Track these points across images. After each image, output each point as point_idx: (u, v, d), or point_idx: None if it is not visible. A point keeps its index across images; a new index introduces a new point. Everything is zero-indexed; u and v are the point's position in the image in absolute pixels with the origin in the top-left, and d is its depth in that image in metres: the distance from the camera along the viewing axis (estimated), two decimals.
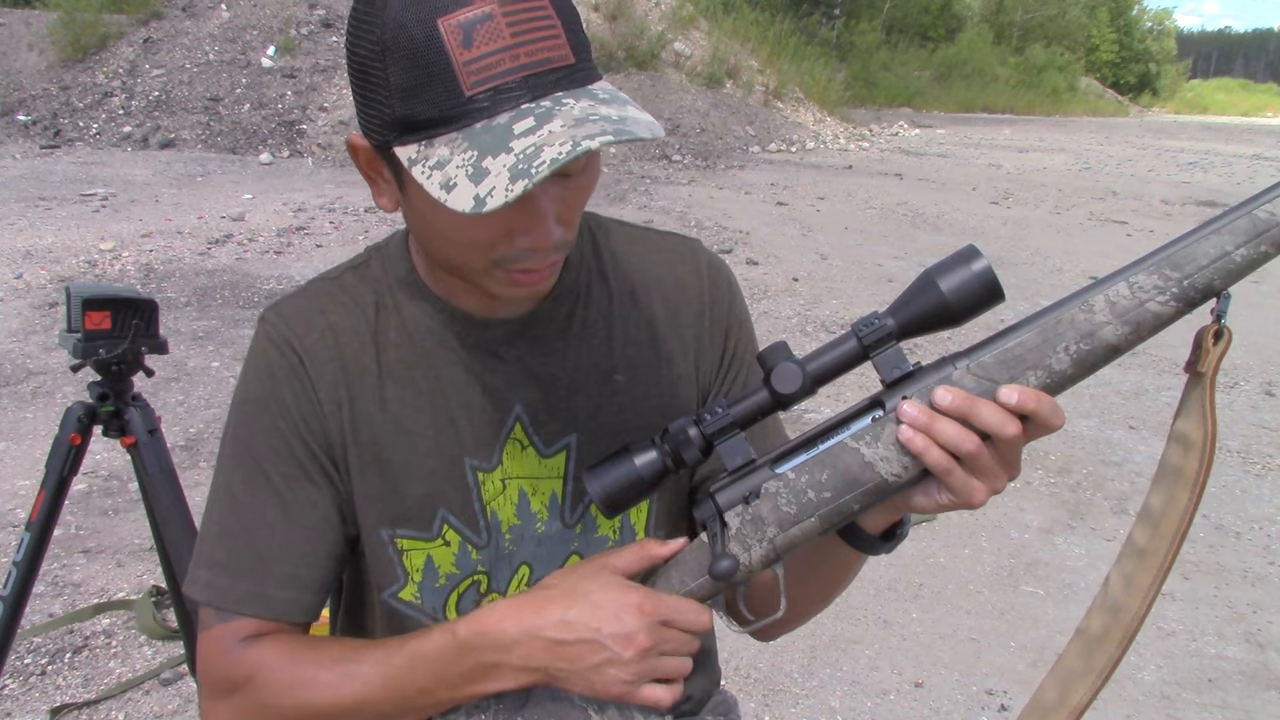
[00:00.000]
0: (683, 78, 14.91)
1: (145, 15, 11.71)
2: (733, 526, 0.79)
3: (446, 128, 0.72)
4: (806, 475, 0.77)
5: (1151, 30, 56.68)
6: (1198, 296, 0.73)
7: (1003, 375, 0.74)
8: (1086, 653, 0.77)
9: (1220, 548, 3.22)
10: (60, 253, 5.97)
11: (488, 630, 0.79)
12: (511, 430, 0.92)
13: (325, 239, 6.73)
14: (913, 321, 0.75)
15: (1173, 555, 0.74)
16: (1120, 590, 0.76)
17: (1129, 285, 0.73)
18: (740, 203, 9.38)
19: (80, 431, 1.76)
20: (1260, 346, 5.58)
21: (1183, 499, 0.74)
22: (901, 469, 0.75)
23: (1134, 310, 0.73)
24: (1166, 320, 0.74)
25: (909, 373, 0.76)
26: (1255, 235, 0.71)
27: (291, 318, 0.91)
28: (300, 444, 0.88)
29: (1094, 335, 0.73)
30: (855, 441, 0.76)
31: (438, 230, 0.80)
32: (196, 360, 4.39)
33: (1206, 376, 0.74)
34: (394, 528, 0.92)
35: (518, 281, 0.81)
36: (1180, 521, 0.74)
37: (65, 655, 2.36)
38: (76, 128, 10.23)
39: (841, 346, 0.77)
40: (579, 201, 0.81)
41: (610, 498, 0.79)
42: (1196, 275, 0.72)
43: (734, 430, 0.78)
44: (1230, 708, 2.41)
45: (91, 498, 3.12)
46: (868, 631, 2.64)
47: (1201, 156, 17.45)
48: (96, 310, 1.68)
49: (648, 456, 0.79)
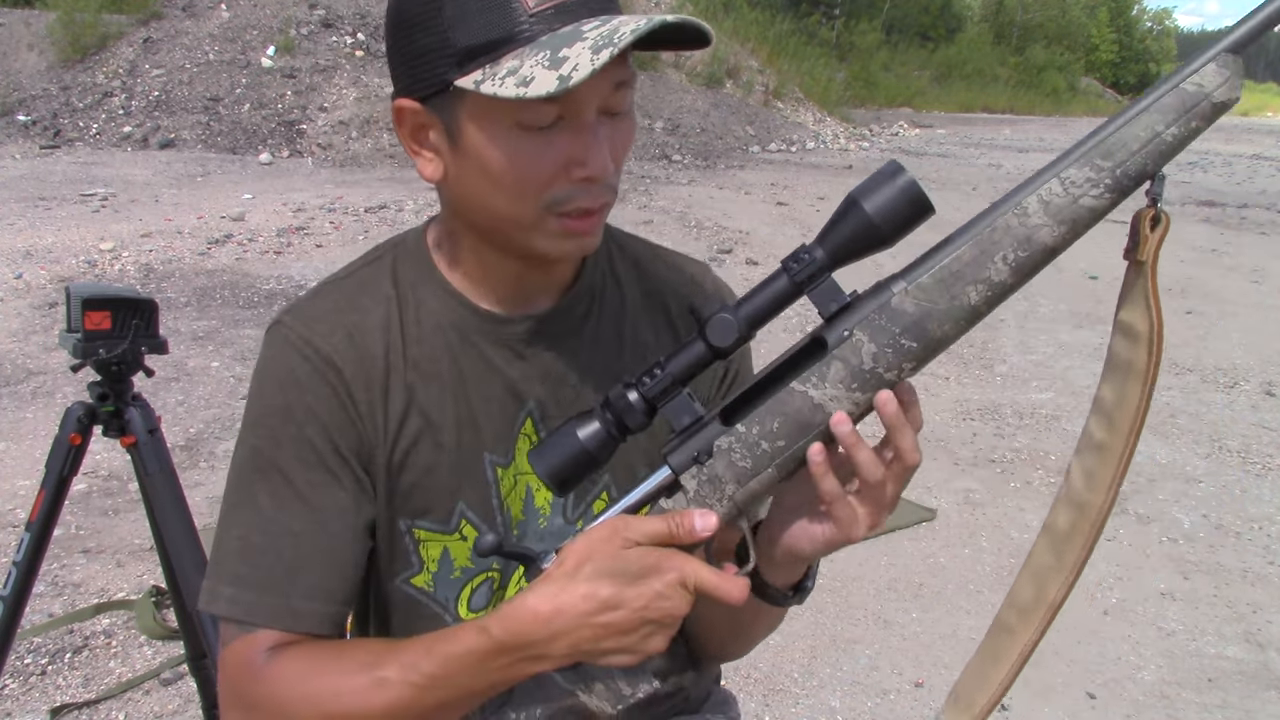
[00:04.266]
0: (683, 78, 14.91)
1: (145, 15, 11.71)
2: (690, 489, 0.76)
3: (510, 45, 0.75)
4: (757, 426, 0.74)
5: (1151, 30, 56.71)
6: (1131, 184, 0.69)
7: (943, 294, 0.70)
8: (1056, 550, 0.76)
9: (1220, 548, 3.22)
10: (60, 253, 5.97)
11: (525, 628, 0.75)
12: (523, 426, 0.92)
13: (325, 239, 6.73)
14: (841, 248, 0.71)
15: (1130, 449, 0.72)
16: (1082, 485, 0.75)
17: (1061, 181, 0.69)
18: (740, 203, 9.38)
19: (80, 431, 1.76)
20: (1260, 346, 5.58)
21: (1135, 394, 0.72)
22: (852, 405, 0.72)
23: (1069, 208, 0.69)
24: (1101, 213, 0.70)
25: (846, 304, 0.73)
26: (1185, 111, 0.68)
27: (312, 320, 0.89)
28: (330, 450, 0.86)
29: (1031, 240, 0.69)
30: (802, 384, 0.73)
31: (493, 175, 0.80)
32: (196, 360, 4.39)
33: (1147, 265, 0.71)
34: (413, 518, 0.91)
35: (570, 229, 0.81)
36: (1134, 417, 0.72)
37: (65, 655, 2.36)
38: (76, 128, 10.23)
39: (774, 285, 0.73)
40: (625, 144, 0.82)
41: (557, 475, 0.76)
42: (1129, 162, 0.69)
43: (675, 389, 0.75)
44: (1230, 708, 2.41)
45: (91, 498, 3.12)
46: (868, 631, 2.64)
47: (1201, 156, 17.44)
48: (96, 310, 1.68)
49: (590, 428, 0.75)
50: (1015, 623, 0.78)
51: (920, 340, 0.71)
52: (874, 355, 0.71)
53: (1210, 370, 5.13)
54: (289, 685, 0.82)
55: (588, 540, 0.75)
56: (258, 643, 0.84)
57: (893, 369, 0.71)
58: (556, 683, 0.81)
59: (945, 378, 4.82)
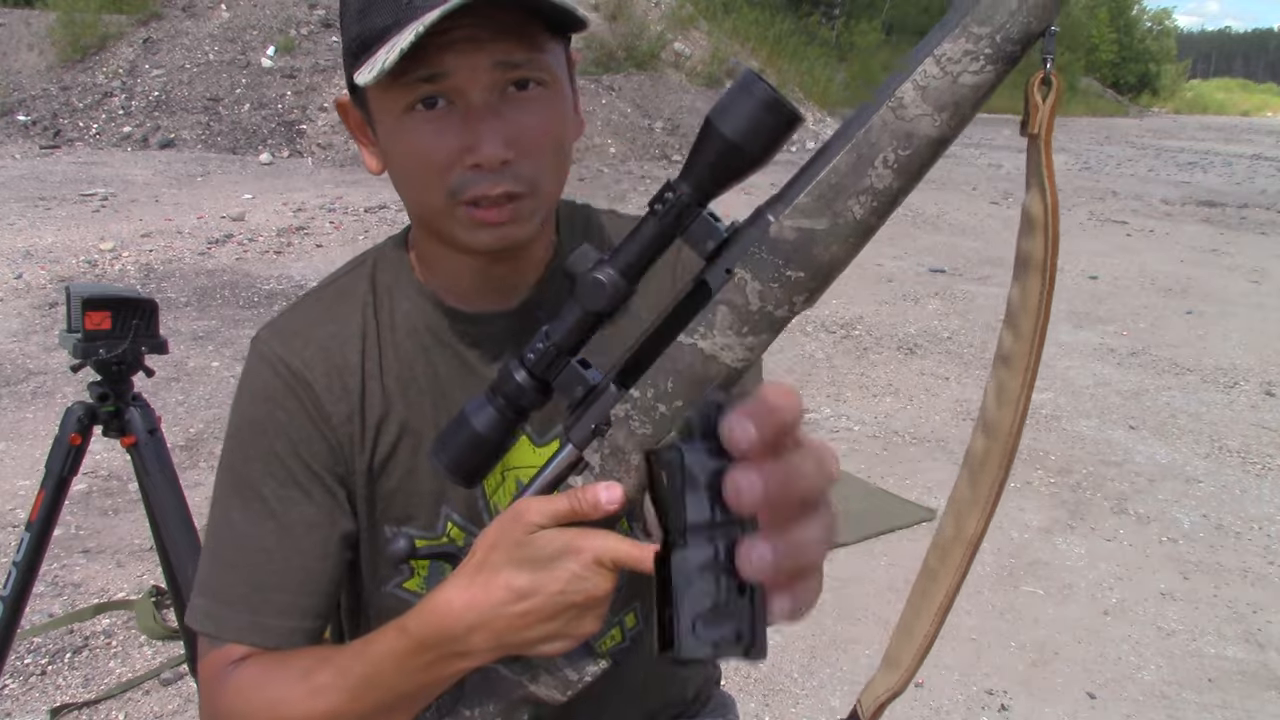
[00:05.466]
0: (682, 78, 14.91)
1: (145, 15, 11.70)
2: (595, 465, 0.70)
3: (391, 33, 0.76)
4: (651, 389, 0.67)
5: (1151, 30, 56.67)
6: (1016, 48, 0.58)
7: (824, 213, 0.62)
8: (972, 480, 0.70)
9: (1220, 548, 3.22)
10: (60, 253, 5.97)
11: (440, 623, 0.73)
12: None
13: (325, 239, 6.73)
14: (708, 179, 0.64)
15: (1035, 355, 0.64)
16: (993, 405, 0.68)
17: (936, 61, 0.59)
18: (740, 203, 9.28)
19: (80, 431, 1.76)
20: (1260, 346, 5.57)
21: (1035, 287, 0.64)
22: (746, 351, 0.65)
23: (949, 90, 0.59)
24: (988, 89, 0.60)
25: (724, 240, 0.65)
26: None
27: (286, 334, 0.90)
28: (300, 465, 0.87)
29: (912, 135, 0.60)
30: (689, 337, 0.65)
31: (401, 164, 0.82)
32: (196, 360, 4.39)
33: (1040, 136, 0.62)
34: (398, 525, 0.92)
35: (476, 219, 0.80)
36: (1036, 313, 0.64)
37: (65, 655, 2.36)
38: (76, 128, 10.22)
39: (642, 232, 0.67)
40: (535, 128, 0.80)
41: (460, 466, 0.72)
42: (1009, 23, 0.58)
43: (563, 360, 0.70)
44: (1230, 708, 2.41)
45: (91, 498, 3.12)
46: (868, 631, 2.64)
47: (1201, 156, 17.45)
48: (96, 310, 1.68)
49: (484, 414, 0.71)
50: (936, 565, 0.73)
51: (808, 269, 0.63)
52: (760, 294, 0.63)
53: (1210, 370, 5.13)
54: (245, 696, 0.83)
55: (494, 528, 0.72)
56: (227, 656, 0.85)
57: (783, 305, 0.63)
58: (502, 674, 0.78)
59: (945, 378, 4.82)
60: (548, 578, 0.69)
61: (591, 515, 0.69)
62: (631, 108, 13.20)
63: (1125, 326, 5.87)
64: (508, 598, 0.70)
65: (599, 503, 0.68)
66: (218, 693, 0.85)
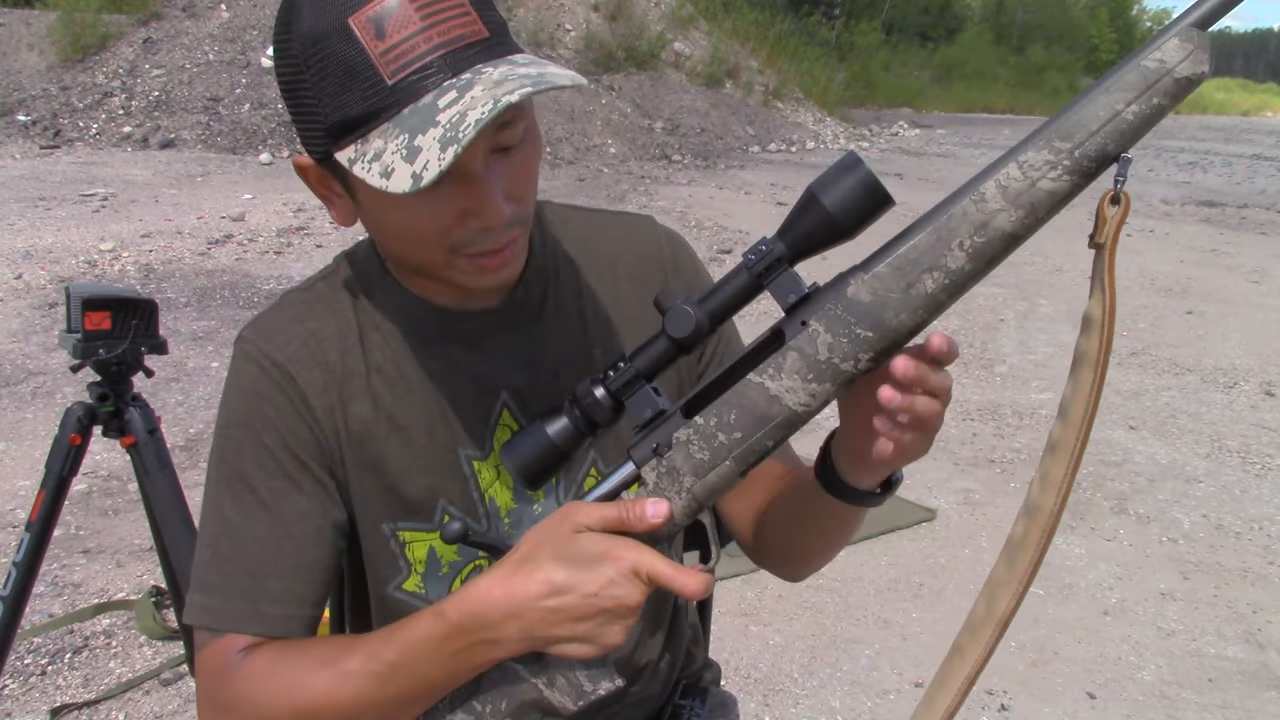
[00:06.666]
0: (682, 78, 14.91)
1: (145, 15, 11.69)
2: (649, 482, 0.76)
3: (377, 120, 0.74)
4: (715, 418, 0.74)
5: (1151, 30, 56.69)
6: (1093, 165, 0.67)
7: (899, 283, 0.70)
8: (1009, 560, 0.74)
9: (1220, 548, 3.22)
10: (60, 253, 5.97)
11: (478, 609, 0.76)
12: (500, 417, 0.93)
13: (325, 239, 6.73)
14: (801, 242, 0.72)
15: (1081, 444, 0.70)
16: (1037, 491, 0.73)
17: (1019, 165, 0.68)
18: (740, 203, 9.38)
19: (80, 432, 1.76)
20: (1260, 346, 5.58)
21: (1086, 383, 0.70)
22: (809, 397, 0.72)
23: (1027, 192, 0.68)
24: (1064, 197, 0.69)
25: (805, 295, 0.73)
26: (1146, 88, 0.65)
27: (269, 331, 0.91)
28: (289, 456, 0.88)
29: (988, 225, 0.68)
30: (759, 376, 0.73)
31: (393, 228, 0.82)
32: (196, 360, 4.40)
33: (1106, 246, 0.69)
34: (395, 521, 0.92)
35: (482, 267, 0.82)
36: (1085, 405, 0.70)
37: (65, 655, 2.36)
38: (76, 128, 10.22)
39: (734, 280, 0.73)
40: (526, 174, 0.82)
41: (527, 469, 0.77)
42: (1088, 142, 0.67)
43: (639, 383, 0.76)
44: (1230, 708, 2.41)
45: (91, 498, 3.12)
46: (868, 631, 2.64)
47: (1201, 156, 17.44)
48: (96, 310, 1.68)
49: (559, 424, 0.77)
50: (965, 642, 0.76)
51: (876, 330, 0.70)
52: (829, 346, 0.71)
53: (1210, 370, 5.13)
54: (258, 684, 0.83)
55: (542, 526, 0.77)
56: (229, 646, 0.86)
57: (849, 359, 0.71)
58: (520, 674, 0.81)
59: None
60: (585, 578, 0.73)
61: (637, 527, 0.74)
62: (631, 108, 13.20)
63: (1125, 326, 5.87)
64: (544, 591, 0.74)
65: (645, 516, 0.74)
66: (225, 681, 0.85)
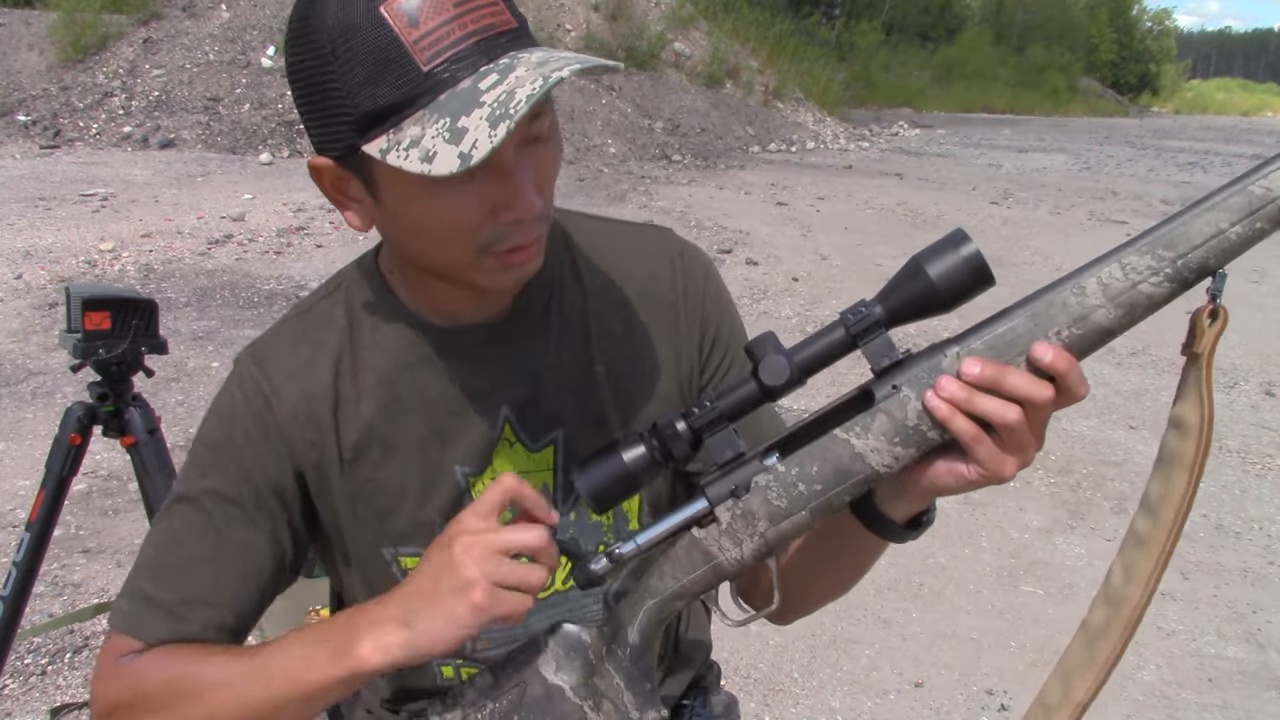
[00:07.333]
0: (683, 78, 14.91)
1: (145, 15, 11.69)
2: (723, 521, 0.77)
3: (411, 108, 0.72)
4: (796, 468, 0.76)
5: (1151, 30, 56.67)
6: (1192, 276, 0.70)
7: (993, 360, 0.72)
8: (1088, 646, 0.76)
9: (1220, 548, 3.22)
10: (60, 253, 5.97)
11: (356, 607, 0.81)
12: (502, 432, 0.92)
13: (325, 239, 6.73)
14: (901, 308, 0.73)
15: (1172, 542, 0.72)
16: (1121, 581, 0.74)
17: (1121, 266, 0.71)
18: (740, 203, 9.38)
19: (80, 431, 1.76)
20: (1260, 346, 5.58)
21: (1180, 483, 0.72)
22: (893, 459, 0.74)
23: (1127, 292, 0.71)
24: (1160, 301, 0.72)
25: (898, 361, 0.74)
26: (1251, 212, 0.69)
27: (263, 358, 0.91)
28: (248, 488, 0.88)
29: (1086, 319, 0.71)
30: (845, 433, 0.74)
31: (419, 226, 0.80)
32: (196, 360, 4.40)
33: (1203, 358, 0.72)
34: (395, 546, 0.92)
35: (510, 263, 0.81)
36: (1179, 506, 0.72)
37: (65, 655, 2.36)
38: (76, 128, 10.22)
39: (829, 336, 0.74)
40: (552, 168, 0.81)
41: (598, 494, 0.78)
42: (1191, 255, 0.70)
43: (722, 424, 0.77)
44: (1230, 708, 2.41)
45: (91, 498, 3.12)
46: (868, 631, 2.64)
47: (1201, 156, 17.45)
48: (96, 310, 1.68)
49: (636, 452, 0.78)
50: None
51: None
52: (919, 413, 0.73)
53: None
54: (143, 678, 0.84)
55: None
56: (127, 645, 0.86)
57: (935, 428, 0.73)
58: (567, 698, 0.82)
59: None
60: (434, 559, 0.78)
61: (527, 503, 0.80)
62: (631, 108, 13.20)
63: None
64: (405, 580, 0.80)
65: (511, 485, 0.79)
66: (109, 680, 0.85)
